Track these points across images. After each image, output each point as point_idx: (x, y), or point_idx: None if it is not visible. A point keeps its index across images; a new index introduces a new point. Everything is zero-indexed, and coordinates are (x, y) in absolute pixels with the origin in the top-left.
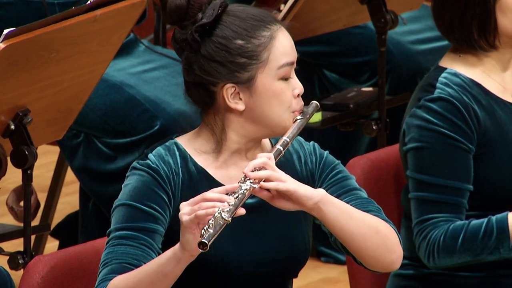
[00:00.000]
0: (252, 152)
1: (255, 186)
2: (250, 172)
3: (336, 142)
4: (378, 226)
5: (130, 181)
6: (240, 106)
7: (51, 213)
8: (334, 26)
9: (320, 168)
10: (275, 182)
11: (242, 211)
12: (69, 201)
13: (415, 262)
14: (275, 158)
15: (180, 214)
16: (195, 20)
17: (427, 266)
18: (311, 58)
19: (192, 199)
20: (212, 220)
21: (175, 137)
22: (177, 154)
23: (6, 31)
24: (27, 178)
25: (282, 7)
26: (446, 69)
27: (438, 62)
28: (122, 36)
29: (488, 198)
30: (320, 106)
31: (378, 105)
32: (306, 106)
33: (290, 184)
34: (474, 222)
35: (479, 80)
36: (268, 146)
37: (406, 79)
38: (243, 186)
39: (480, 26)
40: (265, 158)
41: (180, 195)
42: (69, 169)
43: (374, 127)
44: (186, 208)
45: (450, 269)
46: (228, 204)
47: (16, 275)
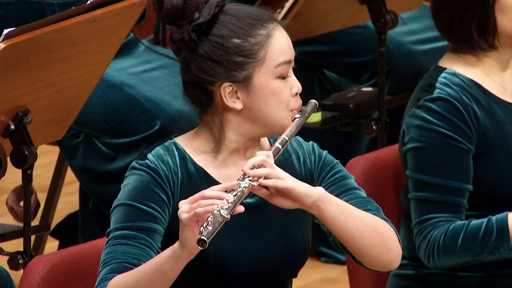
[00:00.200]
0: (250, 151)
1: (254, 183)
2: (248, 169)
3: (336, 142)
4: (377, 225)
5: (129, 181)
6: (238, 105)
7: (51, 213)
8: (334, 26)
9: (319, 167)
10: (274, 179)
11: (241, 209)
12: (69, 201)
13: (415, 262)
14: (274, 156)
15: (179, 212)
16: (192, 19)
17: (427, 266)
18: (311, 58)
19: (191, 197)
20: (211, 217)
21: (174, 137)
22: (176, 154)
23: (6, 31)
24: (27, 178)
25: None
26: (445, 69)
27: (437, 62)
28: (122, 36)
29: (487, 198)
30: (320, 106)
31: (378, 105)
32: (305, 105)
33: (288, 181)
34: (474, 222)
35: (479, 80)
36: (267, 145)
37: (406, 79)
38: (242, 184)
39: (479, 26)
40: (263, 156)
41: (179, 195)
42: (69, 169)
43: (374, 127)
44: (185, 206)
45: (450, 269)
46: (227, 201)
47: (16, 275)
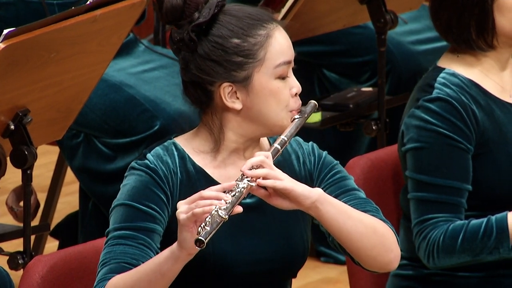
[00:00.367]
0: (250, 151)
1: (252, 184)
2: (247, 170)
3: (336, 142)
4: (375, 226)
5: (128, 181)
6: (237, 105)
7: (51, 213)
8: (334, 26)
9: (318, 168)
10: (272, 180)
11: (239, 209)
12: (69, 201)
13: (414, 263)
14: (273, 157)
15: (177, 212)
16: (192, 19)
17: (426, 267)
18: (311, 58)
19: (189, 198)
20: (209, 218)
21: (174, 137)
22: (175, 154)
23: (6, 31)
24: (27, 178)
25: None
26: (444, 69)
27: (436, 63)
28: (122, 36)
29: (486, 198)
30: (320, 106)
31: (378, 105)
32: (305, 106)
33: (287, 182)
34: (474, 222)
35: (477, 80)
36: (266, 145)
37: (406, 79)
38: (240, 184)
39: (478, 26)
40: (262, 156)
41: (178, 195)
42: (69, 169)
43: (374, 127)
44: (183, 206)
45: (449, 269)
46: (225, 202)
47: (15, 275)
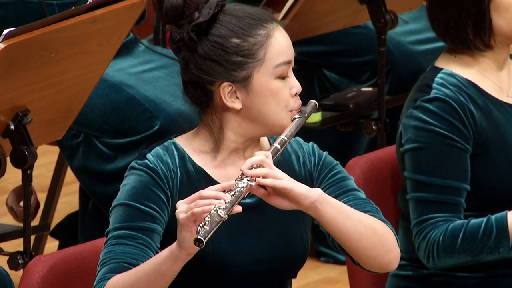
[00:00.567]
0: (250, 151)
1: (252, 183)
2: (247, 169)
3: (335, 142)
4: (375, 226)
5: (128, 181)
6: (237, 105)
7: (51, 213)
8: (334, 26)
9: (318, 168)
10: (272, 179)
11: (238, 209)
12: (69, 201)
13: (414, 263)
14: (273, 156)
15: (176, 212)
16: (192, 19)
17: (426, 267)
18: (311, 58)
19: (188, 197)
20: (208, 217)
21: (174, 137)
22: (175, 154)
23: (6, 31)
24: (27, 178)
25: None
26: (442, 69)
27: (433, 63)
28: (121, 36)
29: (485, 198)
30: (320, 106)
31: (378, 105)
32: (305, 106)
33: (286, 181)
34: (474, 221)
35: (475, 80)
36: (266, 145)
37: (406, 79)
38: (240, 184)
39: (475, 26)
40: (262, 156)
41: (178, 195)
42: (69, 169)
43: (374, 127)
44: (183, 206)
45: (448, 269)
46: (224, 201)
47: (15, 275)
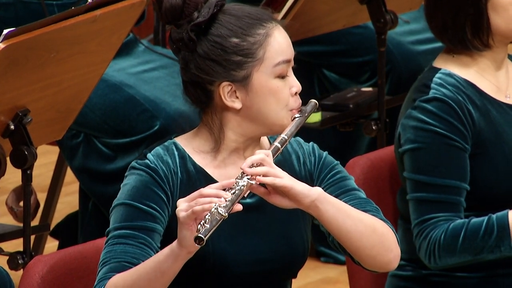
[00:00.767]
0: (250, 151)
1: (252, 182)
2: (247, 168)
3: (335, 142)
4: (375, 225)
5: (128, 180)
6: (237, 105)
7: (51, 213)
8: (334, 26)
9: (318, 168)
10: (272, 177)
11: (239, 207)
12: (69, 201)
13: (413, 263)
14: (273, 155)
15: (177, 210)
16: (191, 19)
17: (425, 267)
18: (311, 58)
19: (189, 196)
20: (208, 215)
21: (174, 137)
22: (175, 153)
23: (6, 31)
24: (27, 178)
25: None
26: (440, 69)
27: (431, 63)
28: (121, 36)
29: (484, 199)
30: (320, 106)
31: (377, 105)
32: (305, 105)
33: (286, 180)
34: (475, 220)
35: (473, 80)
36: (266, 145)
37: (406, 79)
38: (240, 182)
39: (473, 26)
40: (262, 154)
41: (178, 195)
42: (69, 169)
43: (374, 127)
44: (183, 204)
45: (448, 269)
46: (225, 199)
47: (15, 275)
